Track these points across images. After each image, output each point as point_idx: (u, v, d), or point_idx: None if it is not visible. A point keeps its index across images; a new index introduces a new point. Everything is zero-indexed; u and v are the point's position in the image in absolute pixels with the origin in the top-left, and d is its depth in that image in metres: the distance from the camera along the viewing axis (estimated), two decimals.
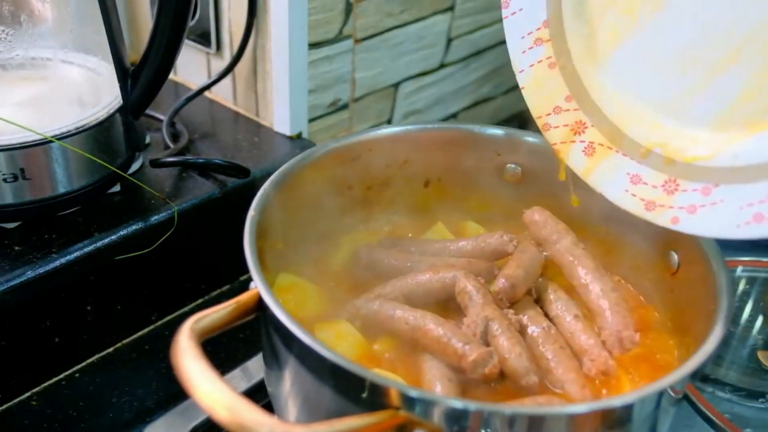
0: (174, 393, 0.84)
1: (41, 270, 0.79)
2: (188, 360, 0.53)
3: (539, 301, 0.76)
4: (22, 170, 0.81)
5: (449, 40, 1.23)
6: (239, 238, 0.66)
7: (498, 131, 0.86)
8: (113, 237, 0.85)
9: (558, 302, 0.74)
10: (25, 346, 0.83)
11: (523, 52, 0.80)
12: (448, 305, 0.75)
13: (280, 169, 0.76)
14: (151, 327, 0.94)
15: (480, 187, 0.88)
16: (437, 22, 1.19)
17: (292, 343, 0.61)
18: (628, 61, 0.73)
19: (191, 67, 1.15)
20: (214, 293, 1.00)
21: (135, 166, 0.95)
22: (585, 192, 0.83)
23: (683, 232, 0.66)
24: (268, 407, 0.69)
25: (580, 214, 0.85)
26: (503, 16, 0.80)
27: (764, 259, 1.05)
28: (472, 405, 0.55)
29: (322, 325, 0.72)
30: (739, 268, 1.03)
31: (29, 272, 0.79)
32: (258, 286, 0.61)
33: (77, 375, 0.87)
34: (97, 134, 0.86)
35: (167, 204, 0.90)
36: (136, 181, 0.92)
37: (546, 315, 0.74)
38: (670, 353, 0.73)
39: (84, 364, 0.88)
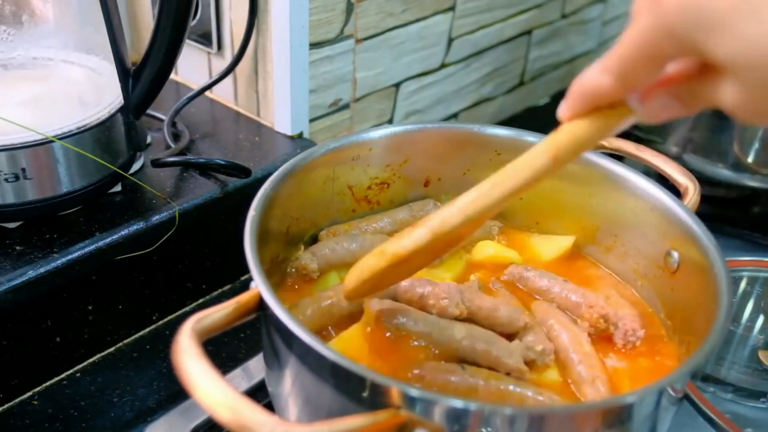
0: (175, 393, 0.84)
1: (42, 270, 0.79)
2: (189, 360, 0.53)
3: (522, 283, 0.79)
4: (23, 170, 0.82)
5: (450, 40, 1.23)
6: (240, 237, 0.66)
7: (498, 131, 0.86)
8: (114, 237, 0.85)
9: (542, 277, 0.77)
10: (27, 346, 0.83)
11: None
12: None
13: (281, 169, 0.76)
14: (152, 327, 0.94)
15: None
16: (438, 21, 1.19)
17: (292, 343, 0.61)
18: None
19: (192, 66, 1.15)
20: (215, 293, 1.00)
21: (136, 166, 0.95)
22: (585, 191, 0.83)
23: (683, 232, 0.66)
24: (269, 407, 0.69)
25: (579, 213, 0.85)
26: None
27: (765, 259, 1.05)
28: (472, 404, 0.55)
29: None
30: (740, 268, 1.03)
31: (30, 272, 0.79)
32: (259, 285, 0.61)
33: (78, 375, 0.87)
34: (99, 134, 0.86)
35: (168, 204, 0.90)
36: (137, 181, 0.92)
37: (533, 289, 0.77)
38: (669, 352, 0.73)
39: (85, 363, 0.88)
